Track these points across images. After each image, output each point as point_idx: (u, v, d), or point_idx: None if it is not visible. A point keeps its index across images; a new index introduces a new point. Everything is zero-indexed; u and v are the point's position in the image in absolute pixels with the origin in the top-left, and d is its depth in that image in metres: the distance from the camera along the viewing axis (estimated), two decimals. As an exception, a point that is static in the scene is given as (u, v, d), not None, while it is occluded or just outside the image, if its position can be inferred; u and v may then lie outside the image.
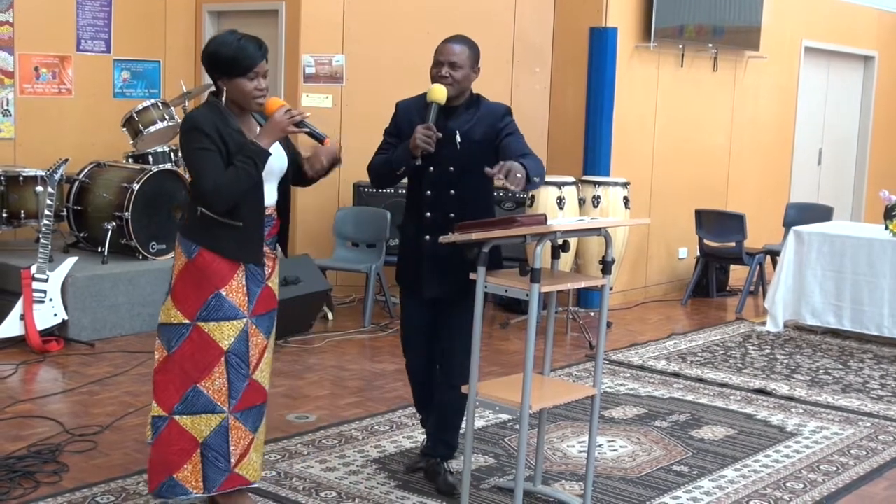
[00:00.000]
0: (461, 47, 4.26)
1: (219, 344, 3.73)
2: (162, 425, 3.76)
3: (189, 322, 3.73)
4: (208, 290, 3.70)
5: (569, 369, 6.51)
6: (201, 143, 3.61)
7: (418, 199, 4.28)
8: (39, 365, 6.19)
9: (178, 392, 3.74)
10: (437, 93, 4.15)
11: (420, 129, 4.08)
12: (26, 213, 7.12)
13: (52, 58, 8.16)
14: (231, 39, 3.69)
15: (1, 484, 4.24)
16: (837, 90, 11.56)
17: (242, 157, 3.62)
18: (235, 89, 3.69)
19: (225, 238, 3.70)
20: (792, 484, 4.66)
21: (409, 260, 4.34)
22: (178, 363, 3.74)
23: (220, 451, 3.78)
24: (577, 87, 8.40)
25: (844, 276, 7.57)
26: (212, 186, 3.59)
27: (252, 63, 3.67)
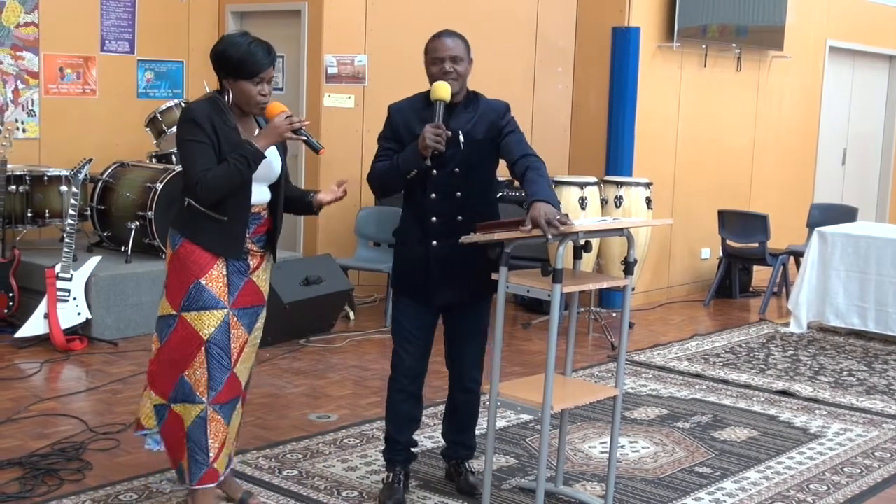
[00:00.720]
0: (455, 40, 4.13)
1: (199, 333, 3.77)
2: (164, 412, 3.86)
3: (175, 313, 3.79)
4: (189, 280, 3.75)
5: (591, 370, 6.49)
6: (194, 134, 3.66)
7: (422, 204, 4.10)
8: (63, 363, 6.22)
9: (170, 380, 3.83)
10: (443, 90, 4.01)
11: (430, 129, 3.93)
12: (51, 213, 7.17)
13: (77, 58, 8.21)
14: (242, 42, 3.71)
15: (25, 481, 4.28)
16: (862, 90, 11.49)
17: (237, 155, 3.65)
18: (239, 91, 3.73)
19: (207, 231, 3.74)
20: (815, 486, 4.64)
21: (413, 267, 4.15)
22: (167, 353, 3.82)
23: (199, 445, 3.81)
24: (599, 86, 8.39)
25: (869, 277, 7.52)
26: (201, 177, 3.63)
27: (259, 68, 3.70)
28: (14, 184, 7.01)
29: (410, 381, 4.24)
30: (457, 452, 4.45)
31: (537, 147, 9.00)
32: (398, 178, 4.05)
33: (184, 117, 3.72)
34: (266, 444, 4.88)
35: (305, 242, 8.63)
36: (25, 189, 7.08)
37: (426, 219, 4.10)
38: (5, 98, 7.82)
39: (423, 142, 3.93)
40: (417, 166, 3.98)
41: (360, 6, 8.22)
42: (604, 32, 8.32)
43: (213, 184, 3.64)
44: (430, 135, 3.92)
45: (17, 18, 7.82)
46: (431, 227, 4.10)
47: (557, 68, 8.57)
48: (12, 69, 7.83)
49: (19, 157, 7.56)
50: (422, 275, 4.13)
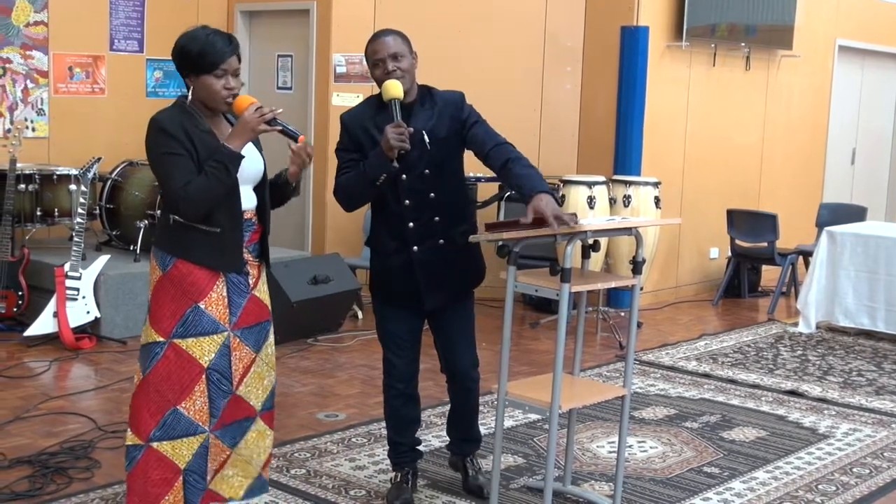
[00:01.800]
0: (394, 37, 3.94)
1: (198, 361, 3.46)
2: (138, 454, 3.45)
3: (164, 340, 3.45)
4: (185, 304, 3.44)
5: (599, 369, 6.49)
6: (168, 146, 3.39)
7: (396, 212, 3.99)
8: (72, 362, 6.24)
9: (153, 417, 3.44)
10: (394, 88, 3.84)
11: (391, 129, 3.77)
12: (60, 212, 7.19)
13: (86, 57, 8.23)
14: (199, 34, 3.44)
15: (35, 479, 4.29)
16: (871, 89, 11.46)
17: (213, 161, 3.36)
18: (202, 87, 3.44)
19: (201, 246, 3.44)
20: (824, 486, 4.63)
21: (396, 275, 4.06)
22: (153, 385, 3.44)
23: (200, 472, 3.53)
24: (608, 86, 8.38)
25: (878, 276, 7.50)
26: (182, 193, 3.34)
27: (220, 59, 3.40)
28: (23, 183, 7.02)
29: (405, 384, 4.21)
30: (462, 448, 4.44)
31: (546, 146, 9.04)
32: (367, 186, 3.90)
33: (153, 129, 3.43)
34: (274, 443, 4.88)
35: (313, 241, 8.64)
36: (35, 188, 7.10)
37: (402, 225, 4.00)
38: (15, 97, 7.84)
39: (386, 143, 3.78)
40: (386, 170, 3.84)
41: (368, 5, 8.23)
42: (612, 31, 8.31)
43: (195, 198, 3.34)
44: (392, 135, 3.77)
45: (27, 18, 7.84)
46: (409, 232, 4.00)
47: (566, 67, 8.57)
48: (22, 68, 7.84)
49: (29, 156, 7.58)
50: (407, 282, 4.05)
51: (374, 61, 3.91)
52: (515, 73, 8.43)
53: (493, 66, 8.29)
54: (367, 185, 3.89)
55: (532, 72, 8.49)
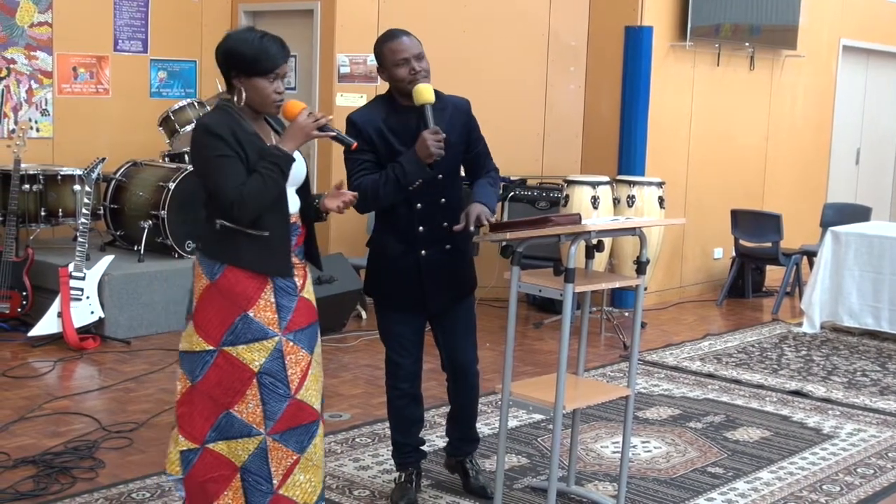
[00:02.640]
0: (412, 38, 3.94)
1: (249, 366, 3.44)
2: (194, 458, 3.48)
3: (214, 348, 3.43)
4: (234, 313, 3.42)
5: (603, 369, 6.49)
6: (219, 149, 3.33)
7: (406, 215, 3.99)
8: (76, 362, 6.25)
9: (207, 420, 3.46)
10: (428, 93, 3.85)
11: (430, 136, 3.78)
12: (64, 212, 7.20)
13: (90, 58, 8.24)
14: (252, 37, 3.41)
15: (39, 479, 4.29)
16: (876, 89, 11.44)
17: (267, 163, 3.34)
18: (254, 90, 3.41)
19: (250, 251, 3.41)
20: (828, 487, 4.62)
21: (402, 279, 4.05)
22: (204, 393, 3.45)
23: (262, 475, 3.51)
24: (612, 86, 8.37)
25: (883, 276, 7.49)
26: (237, 196, 3.30)
27: (275, 64, 3.39)
28: (28, 183, 7.04)
29: (410, 384, 4.21)
30: (462, 448, 4.43)
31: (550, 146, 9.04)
32: (398, 191, 3.87)
33: (201, 132, 3.38)
34: (278, 443, 4.89)
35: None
36: (39, 188, 7.11)
37: (412, 229, 4.00)
38: (19, 97, 7.85)
39: (425, 150, 3.78)
40: (422, 175, 3.85)
41: (372, 5, 8.23)
42: (616, 32, 8.31)
43: (250, 200, 3.31)
44: (433, 142, 3.78)
45: (31, 18, 7.85)
46: (419, 236, 4.01)
47: (570, 68, 8.56)
48: (26, 69, 7.86)
49: (33, 156, 7.59)
50: (413, 285, 4.05)
51: (399, 60, 3.87)
52: (519, 73, 8.43)
53: (496, 66, 8.29)
54: (398, 189, 3.87)
55: (536, 72, 8.49)
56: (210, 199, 3.42)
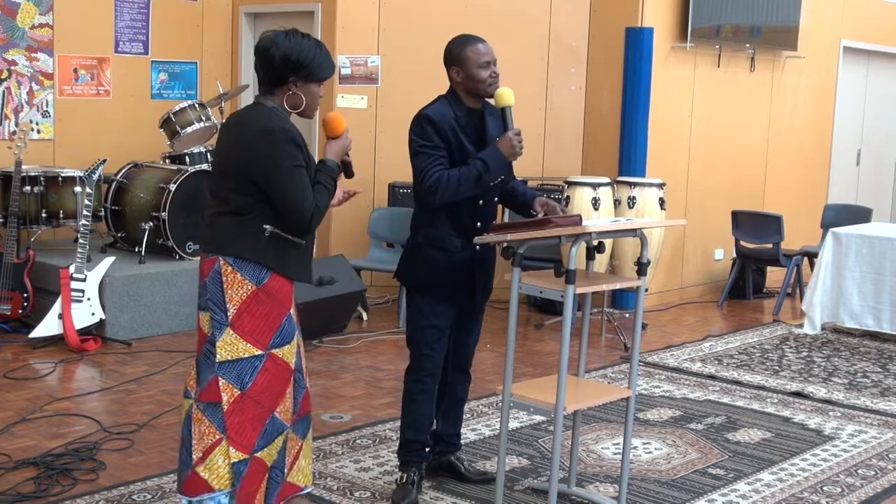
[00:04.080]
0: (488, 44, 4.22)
1: (289, 365, 3.56)
2: (244, 469, 3.49)
3: (263, 352, 3.49)
4: (281, 314, 3.52)
5: (603, 371, 6.49)
6: (298, 159, 3.43)
7: (466, 210, 4.16)
8: (77, 363, 6.25)
9: (255, 430, 3.50)
10: (509, 96, 4.12)
11: (515, 137, 4.07)
12: (65, 213, 7.20)
13: (91, 59, 8.24)
14: (313, 44, 3.53)
15: (40, 481, 4.29)
16: (877, 90, 11.44)
17: (327, 177, 3.54)
18: (307, 94, 3.53)
19: (291, 258, 3.53)
20: (829, 488, 4.62)
21: (455, 271, 4.19)
22: (254, 398, 3.48)
23: (280, 467, 3.62)
24: (612, 87, 8.37)
25: (883, 277, 7.49)
26: (314, 207, 3.44)
27: (332, 72, 3.60)
28: (29, 184, 7.04)
29: (434, 380, 4.30)
30: (456, 444, 4.54)
31: (550, 147, 9.04)
32: (478, 186, 4.09)
33: (284, 138, 3.40)
34: (279, 445, 4.89)
35: (318, 243, 8.64)
36: (40, 190, 7.11)
37: (472, 224, 4.18)
38: (20, 99, 7.85)
39: (511, 149, 4.07)
40: (505, 173, 4.15)
41: (373, 7, 8.23)
42: (617, 33, 8.31)
43: (323, 212, 3.48)
44: (517, 142, 4.07)
45: (32, 20, 7.86)
46: (475, 232, 4.17)
47: (571, 69, 8.57)
48: (27, 70, 7.86)
49: (34, 158, 7.59)
50: (467, 277, 4.23)
51: (483, 62, 4.12)
52: (520, 74, 8.42)
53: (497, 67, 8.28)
54: (478, 185, 4.08)
55: (537, 73, 8.49)
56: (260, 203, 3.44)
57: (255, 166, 3.42)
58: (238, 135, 3.49)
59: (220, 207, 3.51)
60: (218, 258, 3.47)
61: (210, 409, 3.49)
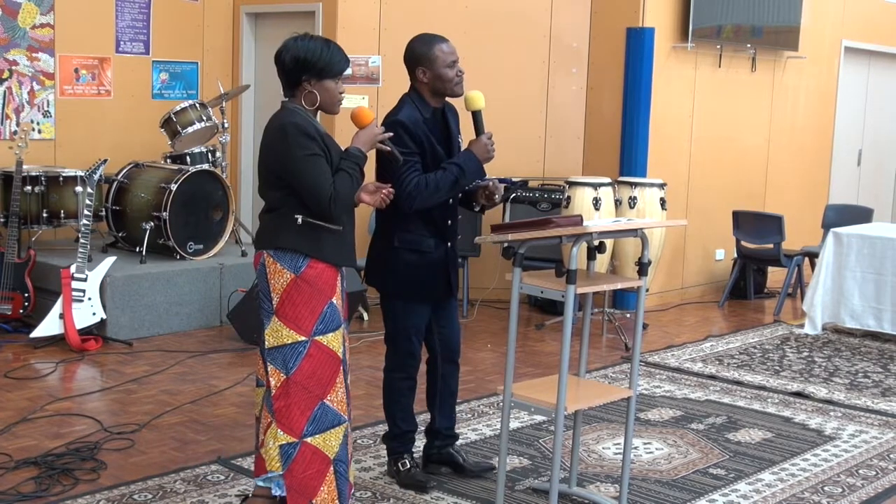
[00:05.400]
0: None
1: (336, 353, 3.70)
2: (293, 451, 3.66)
3: (306, 339, 3.65)
4: (322, 301, 3.66)
5: (604, 371, 6.49)
6: (312, 148, 3.59)
7: (438, 211, 4.24)
8: (78, 363, 6.25)
9: (304, 414, 3.66)
10: (480, 100, 4.16)
11: (487, 140, 4.14)
12: (66, 213, 7.20)
13: (92, 59, 8.24)
14: (317, 42, 3.70)
15: (41, 481, 4.30)
16: (877, 90, 11.44)
17: (352, 163, 3.66)
18: (324, 91, 3.71)
19: (329, 244, 3.67)
20: (830, 488, 4.62)
21: (431, 271, 4.28)
22: (299, 384, 3.65)
23: (345, 461, 3.76)
24: (613, 87, 8.37)
25: (885, 278, 7.49)
26: (332, 193, 3.58)
27: (344, 67, 3.74)
28: (30, 184, 7.04)
29: (416, 372, 4.44)
30: (453, 436, 4.60)
31: (551, 148, 9.05)
32: (455, 189, 4.16)
33: (294, 132, 3.59)
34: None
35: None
36: (41, 190, 7.11)
37: (444, 223, 4.27)
38: (21, 99, 7.85)
39: (485, 153, 4.14)
40: (481, 176, 4.20)
41: (373, 7, 8.23)
42: (618, 33, 8.31)
43: (343, 196, 3.61)
44: (490, 146, 4.15)
45: (33, 20, 7.86)
46: (448, 230, 4.29)
47: (572, 69, 8.56)
48: (28, 70, 7.86)
49: (35, 157, 7.59)
50: (442, 275, 4.31)
51: (451, 62, 4.17)
52: (521, 74, 8.43)
53: (498, 68, 8.29)
54: (455, 189, 4.16)
55: (537, 73, 8.49)
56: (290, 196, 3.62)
57: (277, 161, 3.64)
58: (265, 138, 3.72)
59: (263, 207, 3.77)
60: (263, 252, 3.70)
61: (267, 394, 3.71)
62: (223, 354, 6.53)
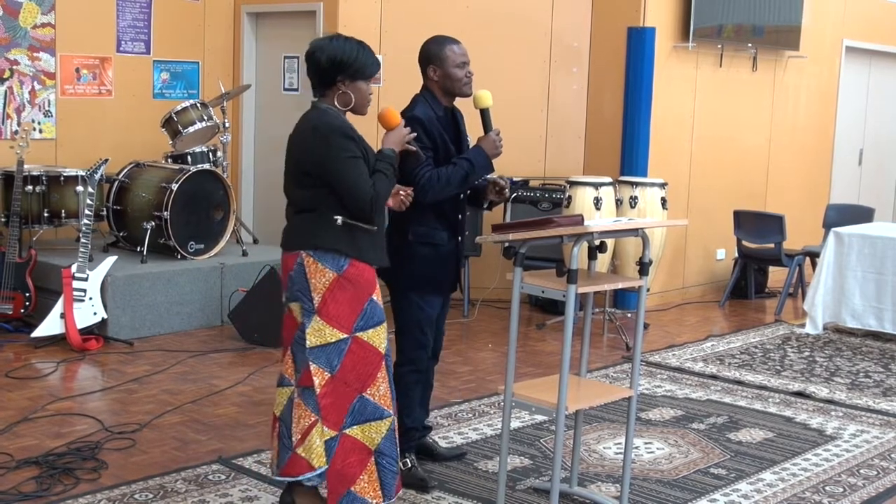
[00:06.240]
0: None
1: (378, 349, 3.76)
2: (335, 444, 3.73)
3: (347, 336, 3.71)
4: (363, 299, 3.72)
5: (605, 370, 6.48)
6: (353, 150, 3.65)
7: (452, 205, 4.35)
8: (79, 363, 6.25)
9: (344, 407, 3.73)
10: (488, 98, 4.28)
11: (495, 136, 4.27)
12: (67, 213, 7.20)
13: (93, 59, 8.24)
14: (355, 44, 3.76)
15: (42, 480, 4.30)
16: (879, 90, 11.44)
17: (386, 164, 3.74)
18: (358, 91, 3.77)
19: (366, 244, 3.74)
20: (831, 488, 4.62)
21: (443, 263, 4.39)
22: (342, 380, 3.71)
23: (392, 455, 3.81)
24: (614, 87, 8.37)
25: (886, 277, 7.48)
26: (373, 195, 3.64)
27: (377, 68, 3.80)
28: (30, 184, 7.04)
29: (425, 364, 4.50)
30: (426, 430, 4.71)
31: (552, 147, 9.04)
32: (465, 184, 4.27)
33: (336, 133, 3.65)
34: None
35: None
36: (42, 189, 7.11)
37: (455, 217, 4.37)
38: (22, 99, 7.85)
39: (494, 149, 4.26)
40: (490, 172, 4.31)
41: (374, 7, 8.23)
42: (619, 32, 8.31)
43: (381, 198, 3.70)
44: (499, 142, 4.27)
45: (34, 19, 7.86)
46: (459, 224, 4.40)
47: (572, 68, 8.56)
48: (29, 70, 7.86)
49: (36, 157, 7.59)
50: (452, 268, 4.42)
51: (461, 62, 4.32)
52: (521, 74, 8.43)
53: (498, 67, 8.28)
54: (465, 183, 4.27)
55: (538, 73, 8.49)
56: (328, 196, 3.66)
57: (317, 164, 3.67)
58: (298, 138, 3.75)
59: (294, 207, 3.78)
60: (300, 252, 3.71)
61: (306, 393, 3.72)
62: (224, 354, 6.54)
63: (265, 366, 6.28)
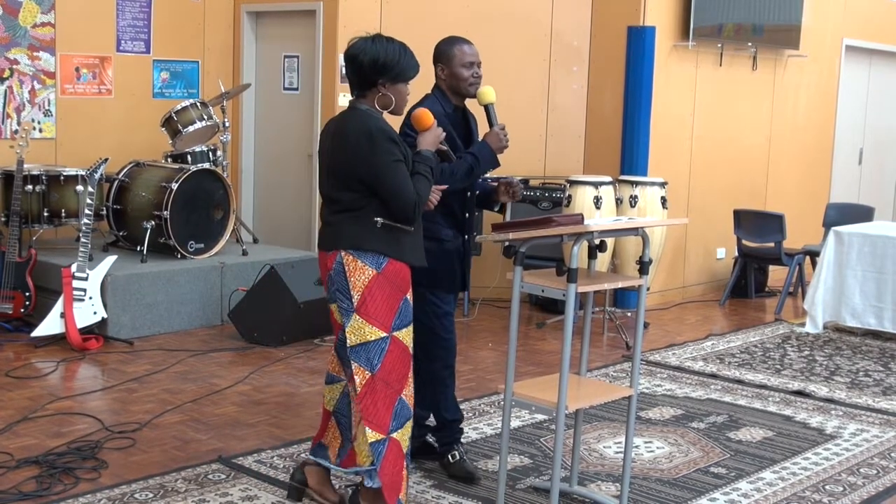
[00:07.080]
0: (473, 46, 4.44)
1: (409, 349, 3.80)
2: (383, 448, 3.72)
3: (386, 334, 3.73)
4: (399, 297, 3.75)
5: (605, 370, 6.49)
6: (397, 154, 3.67)
7: (459, 202, 4.37)
8: (79, 363, 6.25)
9: (388, 409, 3.73)
10: (491, 94, 4.34)
11: (500, 131, 4.30)
12: (67, 212, 7.20)
13: (93, 58, 8.24)
14: (398, 46, 3.77)
15: (42, 480, 4.30)
16: (878, 89, 11.44)
17: (426, 167, 3.77)
18: (397, 93, 3.79)
19: (405, 245, 3.77)
20: (831, 487, 4.62)
21: (451, 262, 4.39)
22: (382, 380, 3.72)
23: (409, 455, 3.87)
24: (614, 86, 8.37)
25: (886, 276, 7.48)
26: (416, 198, 3.68)
27: (417, 71, 3.82)
28: (30, 183, 7.04)
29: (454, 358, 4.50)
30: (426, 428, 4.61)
31: (552, 147, 9.04)
32: (468, 179, 4.31)
33: (382, 137, 3.67)
34: (281, 444, 4.90)
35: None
36: (42, 189, 7.11)
37: (462, 215, 4.40)
38: (22, 98, 7.85)
39: (499, 143, 4.30)
40: (495, 166, 4.36)
41: (375, 6, 8.23)
42: (619, 31, 8.31)
43: (423, 201, 3.74)
44: (503, 136, 4.30)
45: (34, 19, 7.86)
46: (466, 222, 4.42)
47: (572, 67, 8.56)
48: (29, 69, 7.86)
49: (36, 156, 7.59)
50: (459, 267, 4.43)
51: (469, 62, 4.34)
52: (521, 73, 8.43)
53: (498, 67, 8.28)
54: (470, 177, 4.31)
55: (538, 72, 8.49)
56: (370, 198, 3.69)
57: (361, 166, 3.68)
58: (339, 139, 3.75)
59: (333, 207, 3.79)
60: (339, 251, 3.74)
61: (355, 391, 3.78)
62: (224, 353, 6.54)
63: (265, 365, 6.28)
